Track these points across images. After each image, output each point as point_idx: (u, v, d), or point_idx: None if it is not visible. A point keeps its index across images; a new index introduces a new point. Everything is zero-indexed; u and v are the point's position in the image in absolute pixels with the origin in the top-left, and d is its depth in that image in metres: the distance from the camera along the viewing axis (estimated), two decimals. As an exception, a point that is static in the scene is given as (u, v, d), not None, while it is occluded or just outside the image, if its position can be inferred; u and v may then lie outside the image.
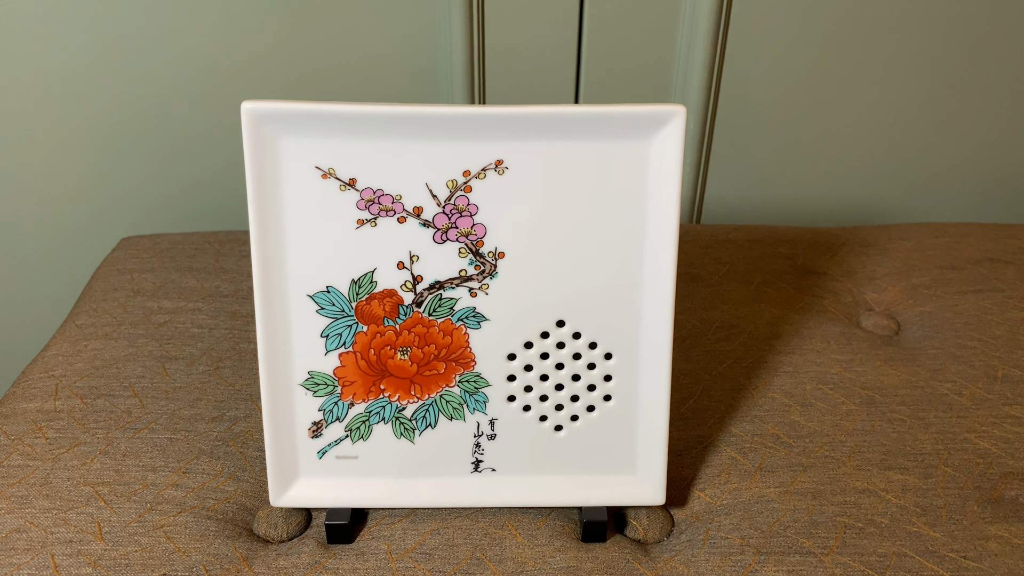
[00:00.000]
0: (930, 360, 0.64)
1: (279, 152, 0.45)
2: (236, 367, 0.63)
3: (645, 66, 0.82)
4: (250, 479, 0.54)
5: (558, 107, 0.44)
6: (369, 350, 0.48)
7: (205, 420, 0.58)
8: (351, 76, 0.81)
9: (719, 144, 0.87)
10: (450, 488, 0.51)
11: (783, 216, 0.92)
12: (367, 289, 0.47)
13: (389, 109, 0.43)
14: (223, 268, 0.74)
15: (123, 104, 0.82)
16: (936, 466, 0.55)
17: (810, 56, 0.83)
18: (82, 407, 0.59)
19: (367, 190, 0.45)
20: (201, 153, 0.85)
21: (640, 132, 0.44)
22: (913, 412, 0.59)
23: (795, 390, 0.61)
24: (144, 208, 0.88)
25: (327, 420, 0.50)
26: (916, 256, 0.77)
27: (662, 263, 0.47)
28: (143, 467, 0.54)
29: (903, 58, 0.84)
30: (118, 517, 0.51)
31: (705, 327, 0.68)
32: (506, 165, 0.45)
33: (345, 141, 0.44)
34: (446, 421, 0.50)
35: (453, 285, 0.47)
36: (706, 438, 0.57)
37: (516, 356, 0.49)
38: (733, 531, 0.51)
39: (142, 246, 0.77)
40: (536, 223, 0.46)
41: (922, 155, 0.90)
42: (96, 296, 0.71)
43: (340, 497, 0.50)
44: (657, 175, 0.45)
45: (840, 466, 0.55)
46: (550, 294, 0.47)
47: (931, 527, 0.51)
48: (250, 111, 0.44)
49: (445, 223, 0.46)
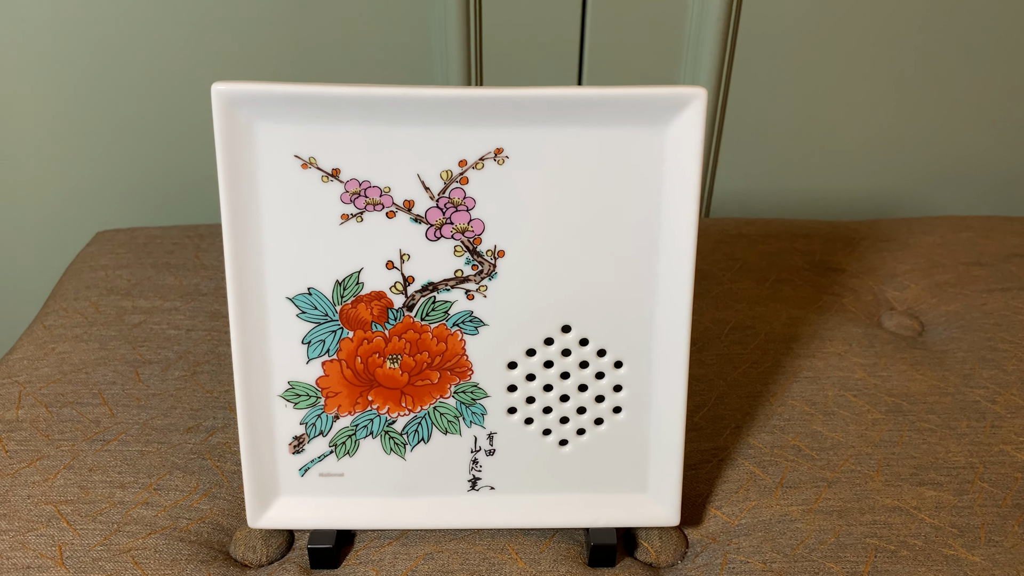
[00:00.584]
0: (959, 364, 0.60)
1: (254, 139, 0.40)
2: (214, 372, 0.58)
3: (653, 48, 0.78)
4: (227, 496, 0.50)
5: (565, 89, 0.39)
6: (355, 358, 0.44)
7: (179, 431, 0.53)
8: (336, 57, 0.76)
9: (730, 131, 0.83)
10: (445, 508, 0.46)
11: (798, 209, 0.88)
12: (353, 291, 0.43)
13: (376, 91, 0.39)
14: (203, 264, 0.69)
15: (99, 90, 0.77)
16: (971, 481, 0.51)
17: (828, 37, 0.79)
18: (47, 416, 0.54)
19: (352, 181, 0.41)
20: (182, 142, 0.81)
21: (656, 117, 0.40)
22: (944, 421, 0.55)
23: (816, 397, 0.57)
24: (121, 200, 0.83)
25: (310, 434, 0.45)
26: (939, 251, 0.73)
27: (679, 262, 0.42)
28: (111, 483, 0.50)
29: (925, 43, 0.80)
30: (81, 540, 0.46)
31: (718, 328, 0.63)
32: (506, 154, 0.41)
33: (327, 127, 0.40)
34: (440, 435, 0.45)
35: (448, 287, 0.43)
36: (722, 450, 0.53)
37: (517, 365, 0.44)
38: (754, 554, 0.46)
39: (118, 241, 0.72)
40: (539, 218, 0.42)
41: (943, 145, 0.86)
42: (67, 295, 0.66)
43: (324, 518, 0.46)
44: (674, 164, 0.41)
45: (868, 481, 0.51)
46: (555, 297, 0.43)
47: (969, 550, 0.47)
48: (222, 93, 0.39)
49: (439, 218, 0.42)
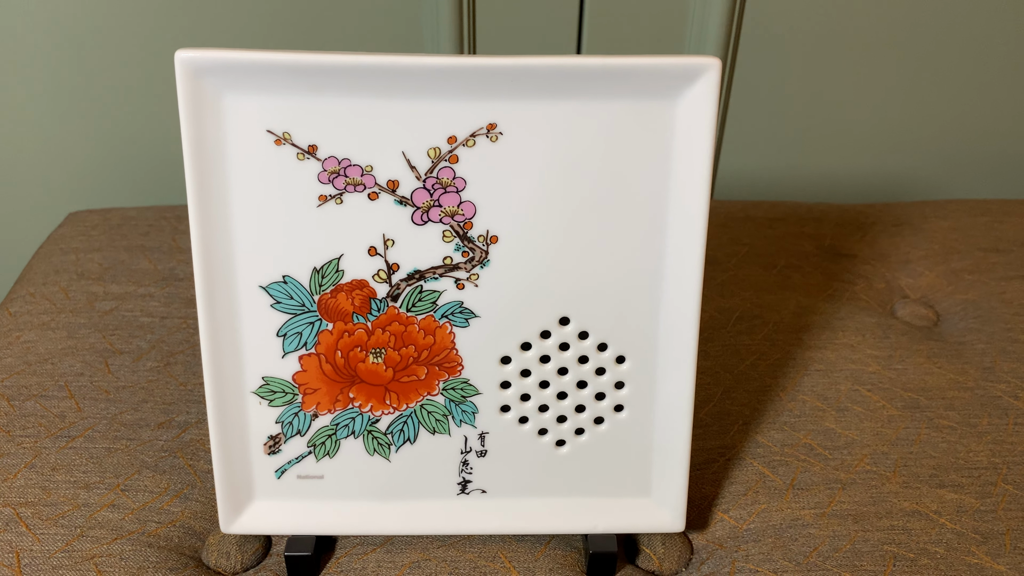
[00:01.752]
0: (978, 356, 0.57)
1: (222, 112, 0.36)
2: (189, 363, 0.55)
3: (656, 15, 0.74)
4: (200, 498, 0.46)
5: (565, 58, 0.36)
6: (335, 352, 0.40)
7: (150, 426, 0.50)
8: (315, 23, 0.72)
9: (736, 108, 0.79)
10: (432, 513, 0.43)
11: (807, 191, 0.84)
12: (332, 279, 0.39)
13: (358, 59, 0.35)
14: (180, 247, 0.65)
15: (70, 59, 0.73)
16: (994, 483, 0.48)
17: (841, 8, 0.75)
18: (8, 410, 0.51)
19: (331, 159, 0.37)
20: (159, 117, 0.76)
21: (664, 89, 0.36)
22: (964, 418, 0.52)
23: (829, 392, 0.54)
24: (94, 179, 0.79)
25: (286, 434, 0.42)
26: (955, 237, 0.70)
27: (688, 249, 0.39)
28: (74, 483, 0.46)
29: (943, 18, 0.76)
30: (41, 546, 0.43)
31: (724, 318, 0.60)
32: (500, 130, 0.37)
33: (303, 99, 0.36)
34: (427, 435, 0.42)
35: (436, 275, 0.39)
36: (729, 449, 0.50)
37: (511, 359, 0.41)
38: (764, 562, 0.43)
39: (90, 222, 0.68)
40: (536, 201, 0.38)
41: (960, 125, 0.82)
42: (35, 279, 0.63)
43: (303, 523, 0.43)
44: (684, 142, 0.37)
45: (884, 483, 0.47)
46: (552, 286, 0.40)
47: (994, 558, 0.44)
48: (186, 61, 0.36)
49: (426, 200, 0.38)
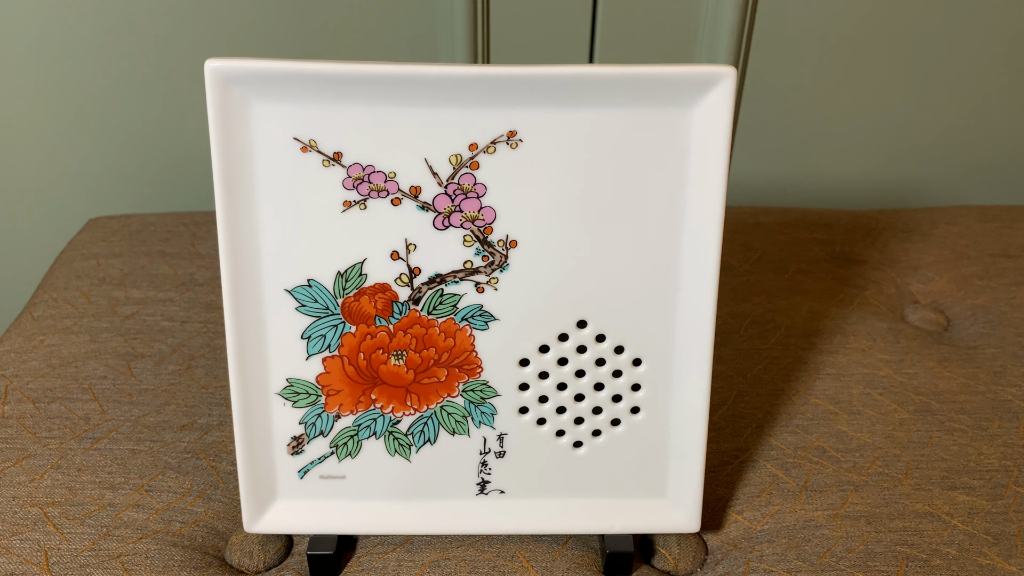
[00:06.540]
0: (989, 361, 0.58)
1: (250, 120, 0.37)
2: (210, 367, 0.56)
3: (668, 22, 0.74)
4: (223, 498, 0.47)
5: (583, 67, 0.37)
6: (358, 354, 0.41)
7: (173, 428, 0.51)
8: (336, 33, 0.73)
9: (747, 115, 0.80)
10: (452, 513, 0.44)
11: (817, 197, 0.85)
12: (355, 283, 0.40)
13: (381, 68, 0.36)
14: (199, 253, 0.66)
15: (92, 68, 0.74)
16: (1006, 485, 0.48)
17: (851, 15, 0.75)
18: (34, 412, 0.52)
19: (355, 166, 0.38)
20: (179, 124, 0.78)
21: (681, 98, 0.37)
22: (975, 422, 0.52)
23: (841, 395, 0.54)
24: (114, 186, 0.81)
25: (309, 434, 0.43)
26: (964, 242, 0.70)
27: (703, 254, 0.40)
28: (100, 484, 0.47)
29: (953, 24, 0.77)
30: (68, 545, 0.44)
31: (736, 322, 0.61)
32: (520, 137, 0.38)
33: (329, 107, 0.37)
34: (447, 436, 0.43)
35: (456, 279, 0.40)
36: (743, 452, 0.50)
37: (529, 362, 0.42)
38: (778, 562, 0.44)
39: (110, 228, 0.70)
40: (555, 206, 0.39)
41: (969, 130, 0.83)
42: (57, 284, 0.64)
43: (324, 523, 0.44)
44: (699, 149, 0.38)
45: (897, 485, 0.48)
46: (570, 290, 0.40)
47: (1005, 559, 0.44)
48: (216, 70, 0.37)
49: (447, 206, 0.39)
